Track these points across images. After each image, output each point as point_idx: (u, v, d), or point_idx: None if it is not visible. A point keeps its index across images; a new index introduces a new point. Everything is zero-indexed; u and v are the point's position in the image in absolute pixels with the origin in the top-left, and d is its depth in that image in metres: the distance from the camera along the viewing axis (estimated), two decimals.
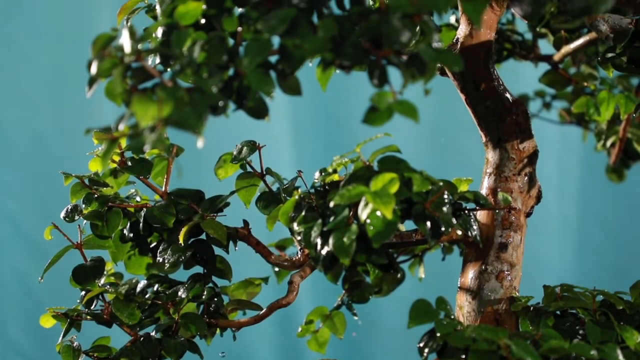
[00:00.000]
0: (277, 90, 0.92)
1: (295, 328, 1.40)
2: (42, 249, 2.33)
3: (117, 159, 1.23)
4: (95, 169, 1.25)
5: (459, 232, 1.19)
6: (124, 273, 1.30)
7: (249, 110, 0.93)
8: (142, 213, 1.22)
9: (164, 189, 1.24)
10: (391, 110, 0.90)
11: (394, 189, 1.01)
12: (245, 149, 1.25)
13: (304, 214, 1.10)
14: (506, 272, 1.20)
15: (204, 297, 1.21)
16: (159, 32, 0.98)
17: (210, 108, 0.89)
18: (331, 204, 1.05)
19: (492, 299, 1.20)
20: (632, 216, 2.86)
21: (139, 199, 1.26)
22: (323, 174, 1.15)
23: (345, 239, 1.02)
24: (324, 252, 1.06)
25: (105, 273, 1.26)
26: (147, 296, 1.22)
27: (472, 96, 1.22)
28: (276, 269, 1.38)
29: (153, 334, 1.19)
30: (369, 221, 1.00)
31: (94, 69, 0.93)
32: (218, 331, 1.24)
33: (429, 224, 1.05)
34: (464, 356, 1.01)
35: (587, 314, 1.14)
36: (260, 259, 1.25)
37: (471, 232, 1.14)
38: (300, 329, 1.35)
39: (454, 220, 1.07)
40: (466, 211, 1.13)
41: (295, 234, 1.13)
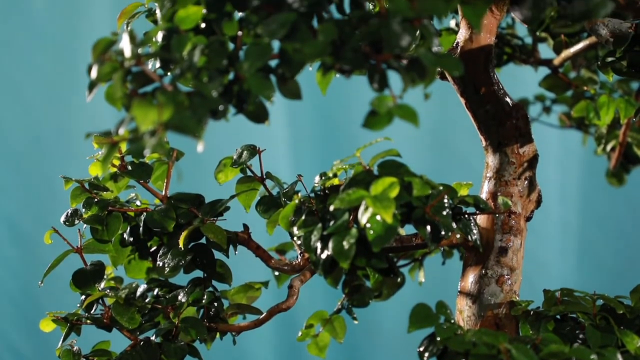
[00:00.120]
0: (277, 94, 0.92)
1: (295, 332, 1.40)
2: (42, 253, 2.33)
3: (117, 163, 1.23)
4: (95, 173, 1.25)
5: (459, 236, 1.19)
6: (124, 277, 1.30)
7: (249, 114, 0.93)
8: (142, 217, 1.22)
9: (164, 193, 1.24)
10: (391, 114, 0.90)
11: (394, 193, 1.02)
12: (245, 153, 1.25)
13: (304, 218, 1.10)
14: (506, 277, 1.20)
15: (204, 301, 1.21)
16: (159, 36, 0.98)
17: (210, 112, 0.89)
18: (331, 208, 1.05)
19: (492, 303, 1.20)
20: (633, 220, 2.86)
21: (139, 203, 1.26)
22: (323, 178, 1.15)
23: (345, 243, 1.02)
24: (323, 256, 1.06)
25: (105, 277, 1.26)
26: (147, 300, 1.22)
27: (472, 100, 1.22)
28: (276, 273, 1.38)
29: (153, 338, 1.19)
30: (369, 225, 1.00)
31: (94, 73, 0.93)
32: (218, 335, 1.24)
33: (429, 228, 1.05)
34: None
35: (587, 318, 1.14)
36: (260, 263, 1.24)
37: (471, 237, 1.14)
38: (300, 333, 1.35)
39: (454, 224, 1.07)
40: (466, 215, 1.13)
41: (295, 238, 1.13)
